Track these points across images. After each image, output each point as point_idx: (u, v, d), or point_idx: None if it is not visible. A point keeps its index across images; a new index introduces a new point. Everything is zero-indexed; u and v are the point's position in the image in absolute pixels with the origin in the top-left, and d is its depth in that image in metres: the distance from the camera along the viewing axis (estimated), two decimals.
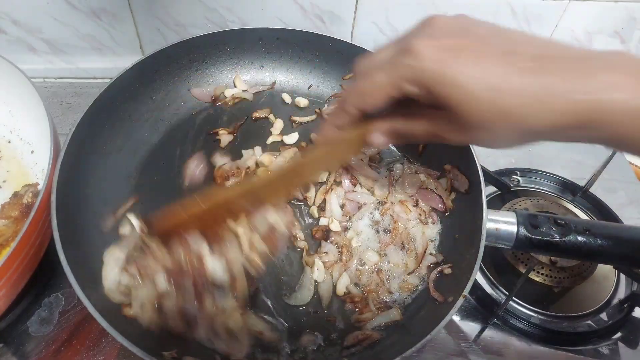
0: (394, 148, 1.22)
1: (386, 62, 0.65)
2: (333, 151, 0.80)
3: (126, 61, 1.11)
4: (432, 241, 1.05)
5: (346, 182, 1.11)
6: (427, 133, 0.69)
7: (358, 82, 0.69)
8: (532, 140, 0.63)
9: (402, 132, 0.72)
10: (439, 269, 0.99)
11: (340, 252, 1.03)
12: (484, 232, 0.91)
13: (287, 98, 1.29)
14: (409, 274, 1.00)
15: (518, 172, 1.31)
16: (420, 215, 1.07)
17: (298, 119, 1.25)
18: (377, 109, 0.68)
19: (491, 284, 1.10)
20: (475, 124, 0.60)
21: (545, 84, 0.55)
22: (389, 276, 1.00)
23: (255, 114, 1.25)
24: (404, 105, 0.68)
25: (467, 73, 0.57)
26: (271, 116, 1.26)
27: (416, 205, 1.08)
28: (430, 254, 1.03)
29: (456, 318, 1.07)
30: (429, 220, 1.07)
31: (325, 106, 1.29)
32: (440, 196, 1.07)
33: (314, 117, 1.27)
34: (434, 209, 1.08)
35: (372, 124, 0.73)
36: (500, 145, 0.65)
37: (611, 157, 1.22)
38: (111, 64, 1.47)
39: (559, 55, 0.57)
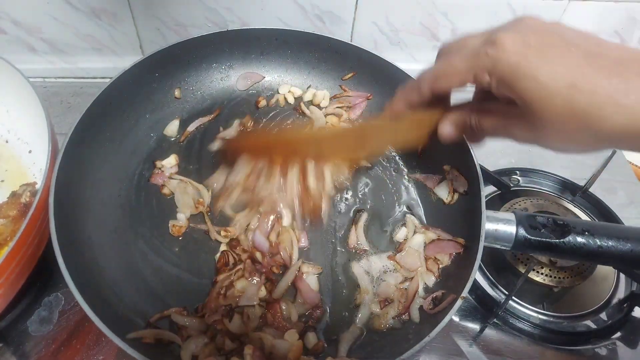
0: (392, 150, 1.22)
1: (469, 48, 0.66)
2: (398, 127, 0.81)
3: (126, 61, 1.11)
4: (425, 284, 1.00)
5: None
6: (496, 128, 0.70)
7: (437, 63, 0.70)
8: (601, 145, 0.62)
9: (471, 125, 0.73)
10: (433, 296, 0.95)
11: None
12: (482, 233, 0.90)
13: (289, 97, 1.30)
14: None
15: (518, 172, 1.31)
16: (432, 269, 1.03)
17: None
18: (449, 91, 0.72)
19: (491, 283, 1.10)
20: (547, 123, 0.60)
21: (624, 86, 0.55)
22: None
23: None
24: (477, 99, 0.73)
25: (546, 69, 0.58)
26: None
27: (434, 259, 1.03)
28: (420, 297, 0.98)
29: (456, 318, 1.07)
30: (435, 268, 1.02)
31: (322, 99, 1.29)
32: (451, 240, 1.02)
33: None
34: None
35: (442, 113, 0.75)
36: (567, 148, 0.65)
37: (611, 157, 1.22)
38: (111, 64, 1.47)
39: None
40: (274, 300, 0.94)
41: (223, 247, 1.02)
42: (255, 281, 0.96)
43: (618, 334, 1.05)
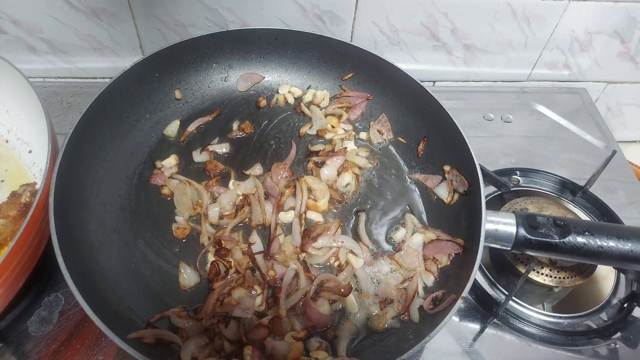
0: (393, 150, 1.22)
1: None
2: None
3: (126, 61, 1.11)
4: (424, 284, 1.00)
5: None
6: None
7: None
8: None
9: None
10: (433, 295, 0.95)
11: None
12: (482, 233, 0.90)
13: (289, 98, 1.30)
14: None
15: (518, 172, 1.31)
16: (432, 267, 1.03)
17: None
18: None
19: (491, 283, 1.10)
20: None
21: None
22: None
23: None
24: None
25: None
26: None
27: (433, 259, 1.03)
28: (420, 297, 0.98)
29: (456, 318, 1.07)
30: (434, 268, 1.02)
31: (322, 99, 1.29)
32: (450, 240, 1.02)
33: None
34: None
35: None
36: None
37: (611, 157, 1.22)
38: (111, 64, 1.47)
39: None
40: (278, 316, 0.92)
41: (211, 258, 1.01)
42: (254, 292, 0.95)
43: (618, 334, 1.05)
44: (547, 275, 1.08)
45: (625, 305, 1.08)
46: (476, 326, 1.06)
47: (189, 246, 1.04)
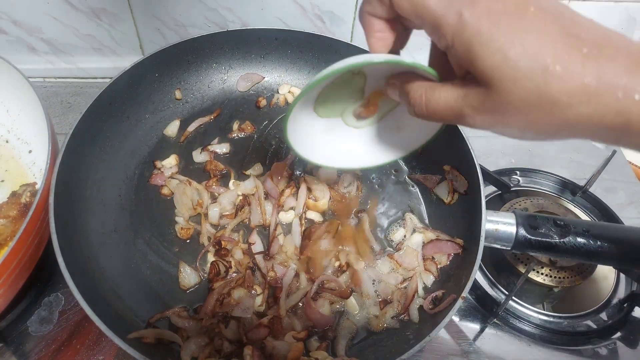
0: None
1: None
2: None
3: (126, 61, 1.11)
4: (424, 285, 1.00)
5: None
6: (451, 107, 0.60)
7: None
8: (559, 134, 0.55)
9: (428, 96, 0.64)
10: (433, 295, 0.95)
11: None
12: (483, 233, 0.90)
13: (290, 98, 1.30)
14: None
15: (518, 172, 1.31)
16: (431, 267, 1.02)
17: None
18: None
19: (491, 283, 1.10)
20: (511, 108, 0.53)
21: (596, 73, 0.49)
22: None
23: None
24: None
25: (519, 45, 0.51)
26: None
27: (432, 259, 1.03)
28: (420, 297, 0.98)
29: (456, 318, 1.07)
30: (433, 268, 1.02)
31: None
32: (449, 240, 1.02)
33: None
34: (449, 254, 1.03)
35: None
36: (526, 135, 0.57)
37: (611, 157, 1.22)
38: (111, 64, 1.47)
39: (623, 47, 0.51)
40: (278, 316, 0.92)
41: (211, 258, 1.01)
42: (254, 292, 0.95)
43: (618, 334, 1.05)
44: (547, 275, 1.08)
45: (625, 305, 1.08)
46: (476, 326, 1.06)
47: (189, 246, 1.04)
